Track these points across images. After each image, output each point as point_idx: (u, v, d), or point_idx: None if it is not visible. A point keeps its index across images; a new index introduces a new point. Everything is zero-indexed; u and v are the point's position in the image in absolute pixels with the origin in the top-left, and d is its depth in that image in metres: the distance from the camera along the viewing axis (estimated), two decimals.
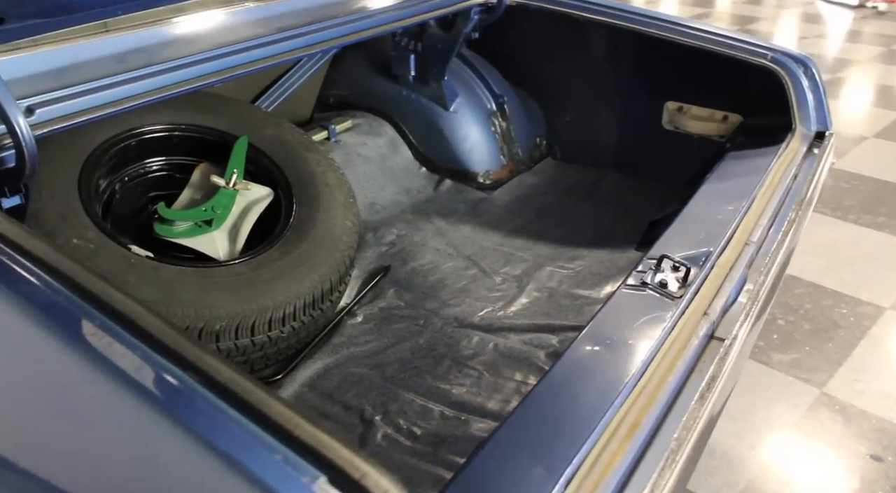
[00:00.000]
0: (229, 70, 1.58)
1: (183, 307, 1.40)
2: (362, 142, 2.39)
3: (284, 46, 1.71)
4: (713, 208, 1.59)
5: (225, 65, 1.57)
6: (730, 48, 2.01)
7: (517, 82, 2.62)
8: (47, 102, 1.23)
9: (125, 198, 1.70)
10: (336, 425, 1.48)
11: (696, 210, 1.60)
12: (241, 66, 1.60)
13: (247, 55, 1.61)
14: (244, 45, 1.55)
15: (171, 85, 1.43)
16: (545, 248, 2.12)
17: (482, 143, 2.45)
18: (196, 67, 1.52)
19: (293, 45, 1.71)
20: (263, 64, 1.65)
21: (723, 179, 1.76)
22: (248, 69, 1.58)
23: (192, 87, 1.46)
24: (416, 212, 2.29)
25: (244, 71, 1.57)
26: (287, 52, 1.70)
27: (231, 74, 1.56)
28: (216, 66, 1.56)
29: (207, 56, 1.50)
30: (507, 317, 1.81)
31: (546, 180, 2.51)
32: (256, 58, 1.64)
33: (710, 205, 1.62)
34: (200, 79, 1.48)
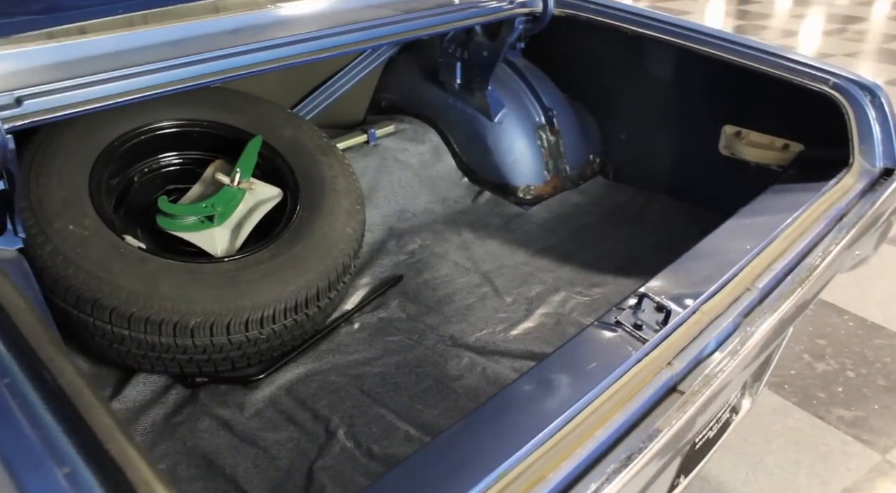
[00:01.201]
0: (231, 71, 1.60)
1: (160, 300, 1.43)
2: (403, 147, 2.37)
3: (294, 49, 1.71)
4: (729, 245, 1.46)
5: (225, 66, 1.59)
6: (788, 72, 1.84)
7: (575, 96, 2.52)
8: (37, 95, 1.29)
9: (144, 189, 1.77)
10: (300, 433, 1.47)
11: (710, 245, 1.48)
12: (245, 67, 1.62)
13: (248, 58, 1.62)
14: (239, 48, 1.57)
15: (161, 84, 1.46)
16: (568, 271, 2.02)
17: (526, 156, 2.38)
18: (197, 67, 1.54)
19: (304, 48, 1.71)
20: (274, 65, 1.66)
21: (754, 214, 1.62)
22: (250, 71, 1.60)
23: (191, 85, 1.49)
24: (447, 222, 2.24)
25: (247, 72, 1.59)
26: (301, 54, 1.71)
27: (231, 75, 1.58)
28: (219, 65, 1.58)
29: (211, 56, 1.53)
30: (505, 341, 1.73)
31: (591, 200, 2.40)
32: (267, 58, 1.66)
33: (727, 241, 1.49)
34: (201, 77, 1.50)
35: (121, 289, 1.42)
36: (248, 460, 1.40)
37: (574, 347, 1.19)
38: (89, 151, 1.61)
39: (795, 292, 1.38)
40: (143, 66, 1.47)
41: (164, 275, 1.46)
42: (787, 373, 2.55)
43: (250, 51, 1.64)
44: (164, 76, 1.50)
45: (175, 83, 1.51)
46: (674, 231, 2.20)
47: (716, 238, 1.51)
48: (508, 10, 2.08)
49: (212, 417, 1.50)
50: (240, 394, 1.56)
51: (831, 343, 2.71)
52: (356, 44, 1.87)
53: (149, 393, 1.55)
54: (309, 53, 1.78)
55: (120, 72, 1.43)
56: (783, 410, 2.40)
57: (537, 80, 2.44)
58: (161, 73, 1.49)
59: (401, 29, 1.95)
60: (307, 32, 1.79)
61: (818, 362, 2.61)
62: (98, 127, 1.65)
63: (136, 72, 1.46)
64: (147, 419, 1.48)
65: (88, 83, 1.39)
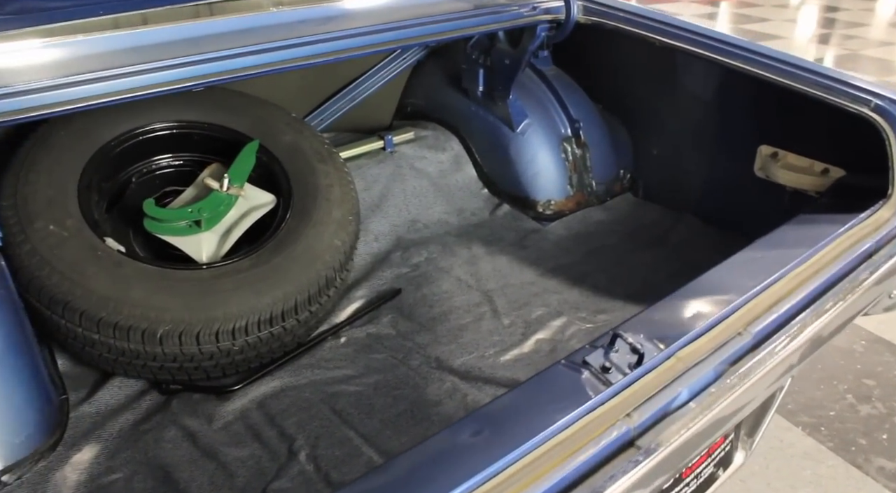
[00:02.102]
0: (235, 71, 1.58)
1: (130, 306, 1.41)
2: (422, 155, 2.30)
3: (306, 51, 1.68)
4: (731, 281, 1.34)
5: (229, 66, 1.57)
6: (827, 91, 1.68)
7: (609, 108, 2.40)
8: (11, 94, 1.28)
9: (141, 190, 1.76)
10: (263, 450, 1.42)
11: (711, 280, 1.36)
12: (249, 68, 1.60)
13: (254, 59, 1.59)
14: (246, 49, 1.53)
15: (153, 84, 1.44)
16: (576, 294, 1.91)
17: (548, 169, 2.27)
18: (198, 67, 1.52)
19: (313, 50, 1.67)
20: (280, 66, 1.64)
21: (770, 246, 1.49)
22: (255, 72, 1.58)
23: (190, 85, 1.47)
24: (459, 235, 2.16)
25: (253, 73, 1.57)
26: (303, 58, 1.67)
27: (234, 76, 1.56)
28: (223, 66, 1.56)
29: (215, 56, 1.51)
30: (493, 366, 1.64)
31: (615, 218, 2.27)
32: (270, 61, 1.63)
33: (731, 275, 1.37)
34: (202, 77, 1.49)
35: (92, 292, 1.40)
36: (206, 475, 1.37)
37: (532, 386, 1.10)
38: (83, 150, 1.61)
39: (797, 340, 1.24)
40: (136, 66, 1.46)
41: (138, 280, 1.44)
42: (825, 414, 2.36)
43: (256, 52, 1.62)
44: (158, 77, 1.48)
45: (170, 84, 1.50)
46: (697, 256, 2.04)
47: (720, 272, 1.39)
48: (530, 17, 1.99)
49: (179, 427, 1.47)
50: (212, 404, 1.53)
51: (880, 384, 2.49)
52: (371, 47, 1.82)
53: (122, 397, 1.54)
54: (316, 56, 1.74)
55: (109, 72, 1.42)
56: (816, 454, 2.21)
57: (566, 90, 2.33)
58: (155, 74, 1.48)
59: (418, 32, 1.89)
60: (322, 34, 1.75)
61: (863, 404, 2.40)
62: (95, 126, 1.65)
63: (130, 71, 1.45)
64: (115, 425, 1.47)
65: (75, 82, 1.38)
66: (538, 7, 2.01)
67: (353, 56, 1.84)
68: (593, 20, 2.05)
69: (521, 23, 2.00)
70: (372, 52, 1.96)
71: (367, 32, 1.81)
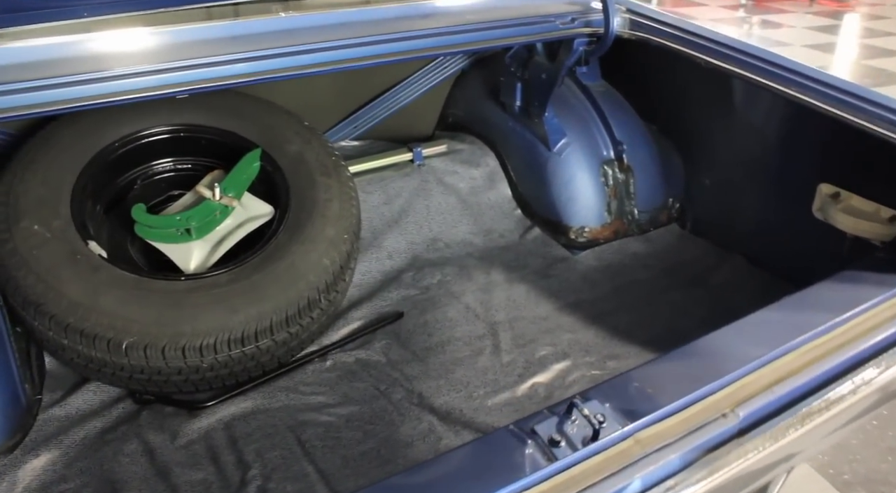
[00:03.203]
0: (244, 76, 1.54)
1: (98, 314, 1.38)
2: (453, 170, 2.19)
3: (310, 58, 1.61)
4: (736, 346, 1.17)
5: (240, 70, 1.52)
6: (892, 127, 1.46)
7: (664, 130, 2.21)
8: None
9: (145, 192, 1.74)
10: (215, 476, 1.36)
11: (715, 342, 1.19)
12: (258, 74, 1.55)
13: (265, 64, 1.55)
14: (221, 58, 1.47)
15: (153, 87, 1.41)
16: (591, 334, 1.75)
17: (585, 193, 2.11)
18: (205, 70, 1.49)
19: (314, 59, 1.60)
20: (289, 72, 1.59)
21: (799, 305, 1.30)
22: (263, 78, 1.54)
23: (204, 87, 1.45)
24: (481, 258, 2.04)
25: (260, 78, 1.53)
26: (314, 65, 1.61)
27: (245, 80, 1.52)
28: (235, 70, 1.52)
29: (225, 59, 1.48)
30: (477, 409, 1.52)
31: (654, 251, 2.09)
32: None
33: (739, 339, 1.20)
34: (210, 81, 1.46)
35: (63, 297, 1.38)
36: None
37: (470, 452, 0.98)
38: (84, 150, 1.60)
39: (801, 428, 1.06)
40: (150, 66, 1.44)
41: (111, 287, 1.41)
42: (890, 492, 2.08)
43: (282, 55, 1.58)
44: (177, 77, 1.46)
45: (191, 84, 1.48)
46: (737, 301, 1.84)
47: (728, 333, 1.21)
48: (567, 30, 1.84)
49: (141, 440, 1.43)
50: (179, 420, 1.48)
51: None
52: (399, 54, 1.75)
53: (96, 403, 1.51)
54: (344, 61, 1.68)
55: (120, 71, 1.41)
56: None
57: (613, 108, 2.16)
58: (175, 74, 1.46)
59: (448, 41, 1.79)
60: (350, 39, 1.68)
61: None
62: (99, 127, 1.63)
63: (144, 71, 1.43)
64: (81, 431, 1.44)
65: (87, 81, 1.38)
66: (577, 20, 1.85)
67: (379, 63, 1.76)
68: (637, 35, 1.88)
69: (558, 35, 1.86)
70: (399, 60, 1.87)
71: (397, 39, 1.73)
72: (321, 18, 1.82)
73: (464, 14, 1.84)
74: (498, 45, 2.01)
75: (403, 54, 1.77)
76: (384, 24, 1.77)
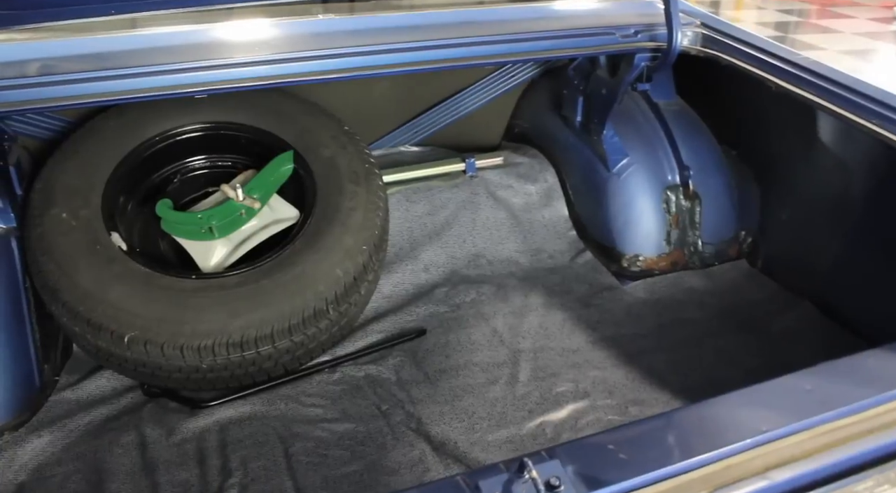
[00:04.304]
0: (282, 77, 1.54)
1: (105, 305, 1.40)
2: (508, 184, 2.10)
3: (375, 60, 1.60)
4: (742, 417, 1.03)
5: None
6: None
7: (744, 157, 2.02)
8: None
9: (183, 187, 1.77)
10: (198, 479, 1.35)
11: (718, 408, 1.06)
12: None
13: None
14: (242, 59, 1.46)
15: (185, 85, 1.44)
16: (621, 375, 1.61)
17: (642, 219, 1.96)
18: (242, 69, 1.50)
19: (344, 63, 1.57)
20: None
21: (853, 370, 1.13)
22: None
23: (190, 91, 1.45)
24: (523, 279, 1.94)
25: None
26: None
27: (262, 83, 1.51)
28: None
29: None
30: (474, 444, 1.43)
31: (713, 288, 1.90)
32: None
33: (750, 406, 1.05)
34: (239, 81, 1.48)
35: (76, 285, 1.42)
36: (131, 491, 1.32)
37: None
38: (124, 143, 1.64)
39: None
40: (201, 62, 1.48)
41: (122, 280, 1.43)
42: None
43: (340, 55, 1.57)
44: (232, 73, 1.49)
45: (247, 81, 1.51)
46: (796, 354, 1.65)
47: (738, 398, 1.07)
48: (627, 43, 1.71)
49: (139, 433, 1.44)
50: (179, 417, 1.49)
51: None
52: (453, 60, 1.70)
53: (107, 391, 1.55)
54: (400, 65, 1.65)
55: (172, 66, 1.45)
56: None
57: (684, 130, 1.99)
58: (205, 72, 1.48)
59: (500, 50, 1.71)
60: (410, 42, 1.65)
61: None
62: (142, 121, 1.67)
63: (194, 67, 1.47)
64: (86, 417, 1.48)
65: (136, 74, 1.43)
66: (641, 33, 1.71)
67: (437, 68, 1.72)
68: (706, 52, 1.71)
69: (617, 49, 1.73)
70: (455, 67, 1.81)
71: (456, 44, 1.68)
72: (380, 21, 1.79)
73: (522, 22, 1.75)
74: (553, 57, 1.91)
75: (460, 61, 1.72)
76: (444, 29, 1.72)
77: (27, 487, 1.34)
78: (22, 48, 1.46)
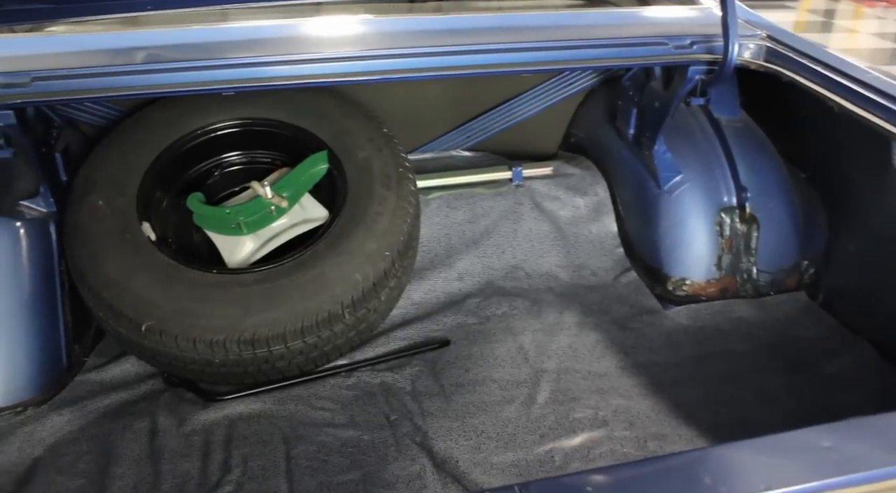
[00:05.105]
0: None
1: (126, 293, 1.43)
2: (555, 196, 2.02)
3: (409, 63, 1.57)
4: (755, 467, 0.95)
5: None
6: None
7: (814, 181, 1.87)
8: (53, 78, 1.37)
9: (223, 180, 1.80)
10: (198, 472, 1.36)
11: (734, 452, 0.98)
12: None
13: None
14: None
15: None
16: (646, 406, 1.52)
17: (692, 241, 1.85)
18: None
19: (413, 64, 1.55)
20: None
21: (864, 435, 1.02)
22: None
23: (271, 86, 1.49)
24: (561, 295, 1.86)
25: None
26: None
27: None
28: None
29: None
30: (476, 464, 1.37)
31: (764, 320, 1.77)
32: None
33: (761, 457, 0.97)
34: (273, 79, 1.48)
35: (102, 272, 1.46)
36: (135, 478, 1.35)
37: None
38: (167, 134, 1.68)
39: None
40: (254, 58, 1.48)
41: (144, 270, 1.46)
42: None
43: (390, 56, 1.55)
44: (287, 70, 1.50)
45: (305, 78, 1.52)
46: (846, 400, 1.51)
47: (743, 449, 0.98)
48: (680, 54, 1.61)
49: (152, 420, 1.47)
50: (192, 408, 1.50)
51: None
52: (499, 66, 1.66)
53: (130, 376, 1.59)
54: (450, 68, 1.62)
55: (222, 61, 1.46)
56: None
57: (745, 148, 1.86)
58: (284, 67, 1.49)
59: (546, 57, 1.65)
60: (460, 45, 1.62)
61: None
62: (186, 114, 1.71)
63: (243, 63, 1.48)
64: (106, 400, 1.52)
65: (187, 68, 1.45)
66: (697, 44, 1.61)
67: (477, 74, 1.69)
68: (767, 67, 1.59)
69: (670, 60, 1.63)
70: (496, 72, 1.76)
71: (498, 50, 1.63)
72: (433, 23, 1.77)
73: (569, 29, 1.69)
74: (600, 66, 1.84)
75: (503, 67, 1.67)
76: (489, 33, 1.68)
77: (41, 462, 1.38)
78: (81, 40, 1.51)
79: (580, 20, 1.77)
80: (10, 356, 1.47)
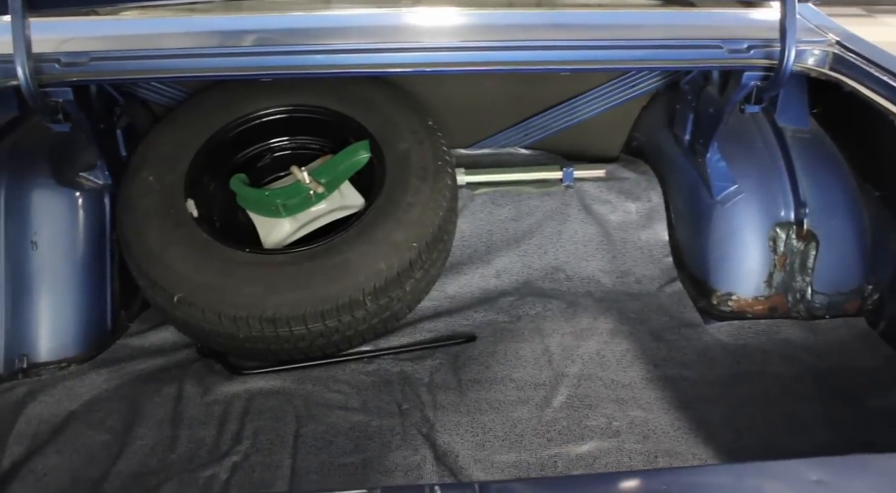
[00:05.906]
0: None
1: (161, 265, 1.51)
2: (606, 199, 1.97)
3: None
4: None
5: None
6: None
7: (887, 199, 1.74)
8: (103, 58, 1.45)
9: (275, 164, 1.86)
10: (212, 439, 1.42)
11: (720, 475, 0.96)
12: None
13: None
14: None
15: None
16: (665, 421, 1.46)
17: (742, 255, 1.76)
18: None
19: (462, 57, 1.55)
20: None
21: (859, 473, 0.96)
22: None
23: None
24: (599, 301, 1.82)
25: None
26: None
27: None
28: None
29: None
30: (476, 462, 1.36)
31: (813, 345, 1.66)
32: None
33: (748, 483, 0.93)
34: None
35: (144, 243, 1.55)
36: (155, 439, 1.43)
37: None
38: (221, 117, 1.75)
39: None
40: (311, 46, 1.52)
41: (182, 244, 1.53)
42: None
43: (452, 49, 1.56)
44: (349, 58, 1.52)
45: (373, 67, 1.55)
46: (888, 440, 1.39)
47: (733, 472, 0.95)
48: (734, 59, 1.53)
49: (179, 386, 1.55)
50: (218, 379, 1.57)
51: None
52: (551, 63, 1.63)
53: (168, 344, 1.68)
54: (499, 63, 1.62)
55: (287, 48, 1.51)
56: None
57: (810, 162, 1.75)
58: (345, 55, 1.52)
59: (598, 56, 1.61)
60: (520, 40, 1.62)
61: None
62: (240, 98, 1.77)
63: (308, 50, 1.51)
64: (142, 364, 1.61)
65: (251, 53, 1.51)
66: (755, 49, 1.52)
67: (542, 70, 1.67)
68: (829, 75, 1.49)
69: (722, 64, 1.55)
70: (549, 70, 1.73)
71: (561, 47, 1.61)
72: (490, 18, 1.76)
73: (614, 29, 1.64)
74: (644, 68, 1.77)
75: (555, 65, 1.64)
76: (550, 29, 1.66)
77: (74, 415, 1.48)
78: (135, 24, 1.60)
79: (639, 20, 1.70)
80: (59, 315, 1.59)
